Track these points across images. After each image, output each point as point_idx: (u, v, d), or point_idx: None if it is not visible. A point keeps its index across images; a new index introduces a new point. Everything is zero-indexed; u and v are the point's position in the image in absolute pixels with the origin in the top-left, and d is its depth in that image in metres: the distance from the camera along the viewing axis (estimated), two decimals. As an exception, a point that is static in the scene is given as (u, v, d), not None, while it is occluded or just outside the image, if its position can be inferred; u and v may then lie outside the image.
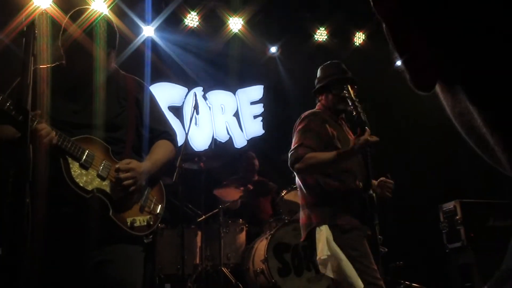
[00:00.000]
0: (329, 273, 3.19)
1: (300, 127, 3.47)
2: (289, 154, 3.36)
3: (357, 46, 8.05)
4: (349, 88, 3.28)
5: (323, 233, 3.24)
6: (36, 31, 1.82)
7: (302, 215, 3.47)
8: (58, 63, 2.69)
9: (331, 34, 7.93)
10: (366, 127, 3.17)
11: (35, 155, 2.10)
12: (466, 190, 6.75)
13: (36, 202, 2.08)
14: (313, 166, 3.29)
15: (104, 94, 2.66)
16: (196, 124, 7.13)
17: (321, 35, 7.90)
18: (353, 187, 3.35)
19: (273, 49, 7.94)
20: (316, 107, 3.66)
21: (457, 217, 5.93)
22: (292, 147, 3.41)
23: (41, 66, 2.60)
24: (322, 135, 3.40)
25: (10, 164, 2.54)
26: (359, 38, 8.05)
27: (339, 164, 3.29)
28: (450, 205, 6.14)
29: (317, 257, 3.24)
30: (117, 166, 2.49)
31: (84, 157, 2.42)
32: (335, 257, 3.17)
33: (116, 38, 2.67)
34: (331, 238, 3.22)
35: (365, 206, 3.24)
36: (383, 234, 5.08)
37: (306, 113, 3.58)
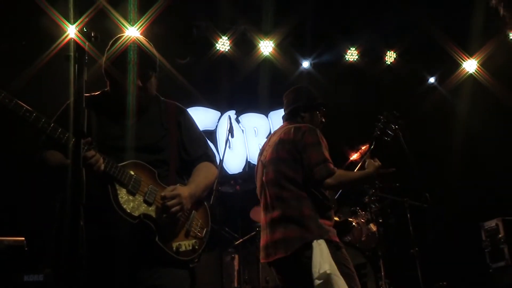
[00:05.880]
0: None
1: (316, 140, 3.35)
2: (317, 168, 3.22)
3: (389, 64, 8.04)
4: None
5: (323, 247, 3.09)
6: (86, 57, 1.85)
7: (292, 228, 3.23)
8: (102, 90, 2.74)
9: (362, 54, 7.94)
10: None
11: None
12: (508, 208, 6.58)
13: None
14: (343, 185, 3.28)
15: (148, 117, 2.70)
16: (229, 147, 7.14)
17: (351, 55, 7.92)
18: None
19: (305, 64, 7.91)
20: (302, 123, 3.58)
21: (500, 236, 5.78)
22: (317, 160, 3.25)
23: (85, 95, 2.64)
24: None
25: (57, 189, 2.57)
26: (390, 57, 8.03)
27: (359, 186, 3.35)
28: (492, 223, 5.99)
29: (316, 271, 3.01)
30: (162, 194, 2.49)
31: (131, 183, 2.44)
32: (334, 273, 3.00)
33: (156, 62, 2.70)
34: (328, 252, 3.08)
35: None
36: (424, 253, 4.96)
37: (310, 126, 3.48)
